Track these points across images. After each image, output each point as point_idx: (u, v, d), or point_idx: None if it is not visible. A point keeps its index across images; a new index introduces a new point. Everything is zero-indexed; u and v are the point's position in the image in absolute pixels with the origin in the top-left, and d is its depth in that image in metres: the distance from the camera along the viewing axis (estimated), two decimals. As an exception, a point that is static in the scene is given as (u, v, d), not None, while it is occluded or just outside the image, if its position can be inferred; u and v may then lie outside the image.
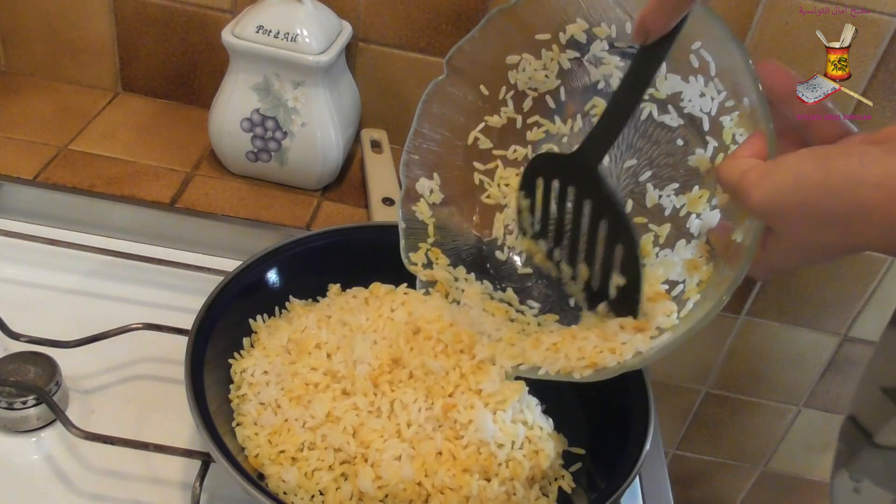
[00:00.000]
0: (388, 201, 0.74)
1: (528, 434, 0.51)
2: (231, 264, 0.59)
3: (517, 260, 0.59)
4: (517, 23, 0.53)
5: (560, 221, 0.53)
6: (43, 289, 0.65)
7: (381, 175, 0.77)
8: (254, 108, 0.72)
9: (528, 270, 0.58)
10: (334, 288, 0.61)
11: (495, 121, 0.57)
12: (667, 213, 0.51)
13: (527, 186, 0.55)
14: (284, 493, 0.48)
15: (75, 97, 0.84)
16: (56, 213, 0.70)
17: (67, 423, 0.50)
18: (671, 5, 0.42)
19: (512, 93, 0.56)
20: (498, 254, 0.59)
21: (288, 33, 0.69)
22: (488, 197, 0.59)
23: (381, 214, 0.72)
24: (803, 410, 1.07)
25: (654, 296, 0.48)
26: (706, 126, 0.48)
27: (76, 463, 0.52)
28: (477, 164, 0.58)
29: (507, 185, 0.58)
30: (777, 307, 0.96)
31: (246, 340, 0.57)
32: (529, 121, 0.56)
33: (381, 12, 0.79)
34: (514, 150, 0.57)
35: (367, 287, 0.60)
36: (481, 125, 0.57)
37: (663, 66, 0.48)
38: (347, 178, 0.80)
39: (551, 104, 0.56)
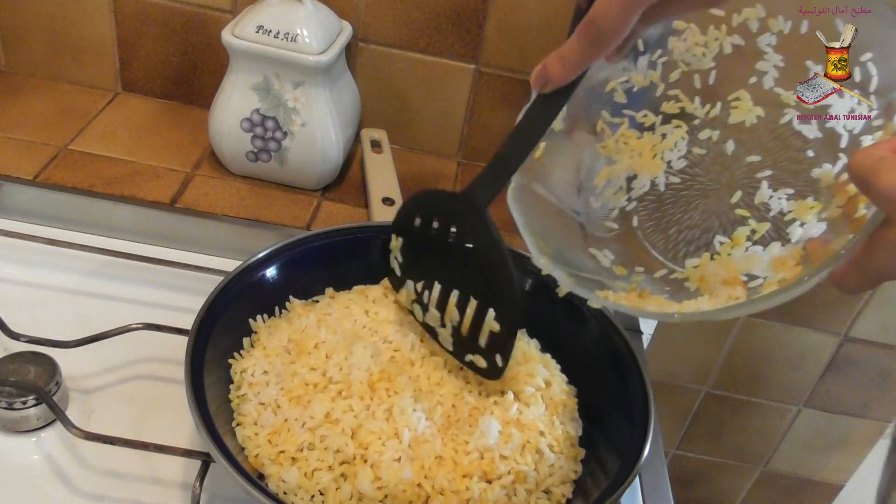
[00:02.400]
0: (388, 201, 0.74)
1: (539, 441, 0.51)
2: (231, 264, 0.59)
3: (608, 207, 0.57)
4: None
5: (434, 263, 0.53)
6: (43, 289, 0.65)
7: (381, 175, 0.77)
8: (254, 108, 0.72)
9: (615, 226, 0.57)
10: (329, 291, 0.61)
11: (638, 80, 0.54)
12: (771, 213, 0.50)
13: (402, 225, 0.55)
14: (284, 493, 0.48)
15: (75, 97, 0.84)
16: (56, 213, 0.70)
17: (67, 423, 0.50)
18: (574, 58, 0.43)
19: (665, 59, 0.54)
20: (591, 200, 0.57)
21: (288, 33, 0.69)
22: (604, 147, 0.57)
23: (381, 214, 0.72)
24: (803, 410, 1.07)
25: (729, 279, 0.47)
26: (843, 143, 0.46)
27: (76, 463, 0.52)
28: (605, 113, 0.56)
29: (625, 143, 0.56)
30: (777, 307, 0.95)
31: (246, 340, 0.57)
32: (670, 92, 0.54)
33: (381, 12, 0.79)
34: (645, 115, 0.55)
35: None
36: (624, 78, 0.55)
37: None
38: (347, 178, 0.80)
39: (697, 83, 0.54)
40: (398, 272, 0.57)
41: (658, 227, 0.54)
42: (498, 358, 0.51)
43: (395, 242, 0.56)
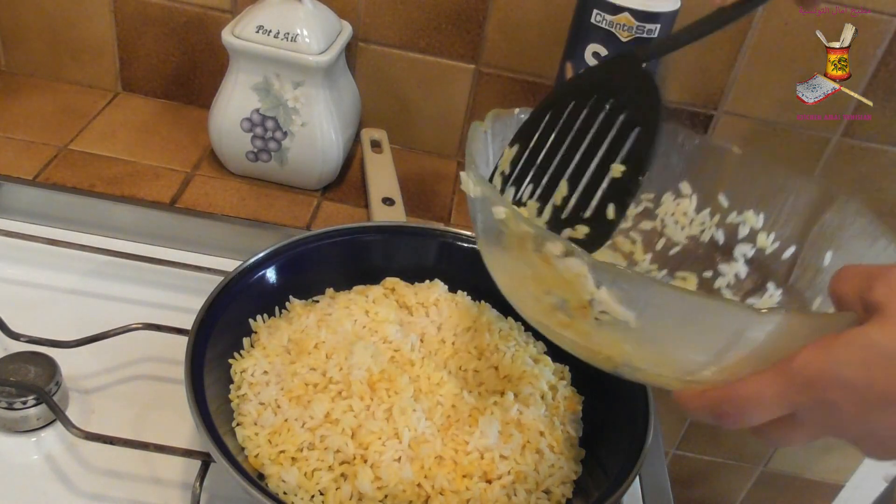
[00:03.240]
0: (388, 201, 0.74)
1: (539, 442, 0.51)
2: (231, 264, 0.59)
3: None
4: (728, 166, 0.50)
5: (548, 155, 0.46)
6: (43, 289, 0.65)
7: (381, 175, 0.77)
8: (254, 108, 0.72)
9: None
10: (329, 291, 0.61)
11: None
12: None
13: (522, 136, 0.47)
14: (284, 493, 0.48)
15: (75, 97, 0.84)
16: (56, 213, 0.70)
17: (67, 423, 0.50)
18: None
19: (651, 205, 0.53)
20: None
21: (288, 33, 0.69)
22: None
23: (381, 214, 0.72)
24: (803, 410, 1.07)
25: None
26: None
27: (76, 463, 0.52)
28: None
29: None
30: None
31: (246, 340, 0.57)
32: (632, 234, 0.53)
33: (381, 12, 0.79)
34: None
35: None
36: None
37: None
38: (347, 178, 0.80)
39: (658, 245, 0.53)
40: (499, 186, 0.48)
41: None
42: (610, 209, 0.43)
43: (508, 154, 0.47)
